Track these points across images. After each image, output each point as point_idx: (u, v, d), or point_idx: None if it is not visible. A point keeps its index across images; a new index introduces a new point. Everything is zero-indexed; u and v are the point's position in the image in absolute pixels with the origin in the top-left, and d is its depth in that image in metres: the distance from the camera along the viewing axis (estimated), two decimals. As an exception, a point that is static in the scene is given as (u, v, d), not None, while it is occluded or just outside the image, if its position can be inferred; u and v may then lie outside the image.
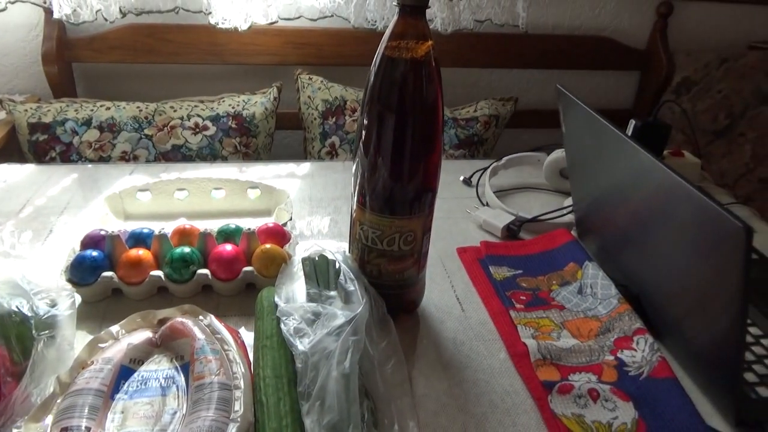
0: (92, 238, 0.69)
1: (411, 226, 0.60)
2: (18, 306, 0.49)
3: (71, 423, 0.46)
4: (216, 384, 0.50)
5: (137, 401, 0.50)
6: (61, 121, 1.18)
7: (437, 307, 0.70)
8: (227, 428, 0.47)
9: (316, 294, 0.59)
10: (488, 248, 0.80)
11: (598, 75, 1.64)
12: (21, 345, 0.48)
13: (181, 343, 0.55)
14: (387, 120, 0.56)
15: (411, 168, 0.58)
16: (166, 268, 0.66)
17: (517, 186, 1.01)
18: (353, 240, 0.64)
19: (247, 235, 0.69)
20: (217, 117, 1.24)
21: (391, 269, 0.62)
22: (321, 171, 1.02)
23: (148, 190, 0.84)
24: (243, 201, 0.86)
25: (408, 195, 0.58)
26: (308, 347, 0.52)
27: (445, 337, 0.65)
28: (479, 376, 0.60)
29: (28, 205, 0.86)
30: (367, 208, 0.60)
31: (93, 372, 0.50)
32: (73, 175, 0.95)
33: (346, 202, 0.91)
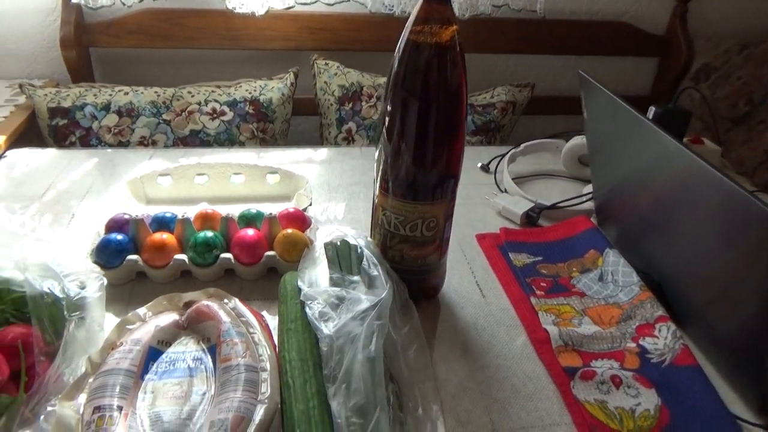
0: (116, 222, 0.70)
1: (434, 212, 0.60)
2: (50, 288, 0.49)
3: (103, 402, 0.47)
4: (243, 366, 0.51)
5: (166, 382, 0.51)
6: (80, 106, 1.19)
7: (457, 292, 0.70)
8: (255, 409, 0.47)
9: (339, 278, 0.59)
10: (507, 235, 0.80)
11: (616, 61, 1.62)
12: (53, 326, 0.49)
13: (208, 326, 0.55)
14: (411, 106, 0.55)
15: (434, 154, 0.57)
16: (189, 251, 0.67)
17: (535, 173, 1.01)
18: (375, 225, 0.64)
19: (268, 219, 0.70)
20: (234, 102, 1.24)
21: (414, 255, 0.62)
22: (338, 157, 1.02)
23: (169, 174, 0.85)
24: (262, 186, 0.87)
25: (431, 181, 0.59)
26: (333, 331, 0.53)
27: (466, 323, 0.66)
28: (501, 361, 0.61)
29: (51, 189, 0.87)
30: (390, 193, 0.60)
31: (122, 353, 0.51)
32: (94, 159, 0.96)
33: (364, 187, 0.91)
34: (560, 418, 0.55)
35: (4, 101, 1.26)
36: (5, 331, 0.48)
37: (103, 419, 0.46)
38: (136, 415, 0.47)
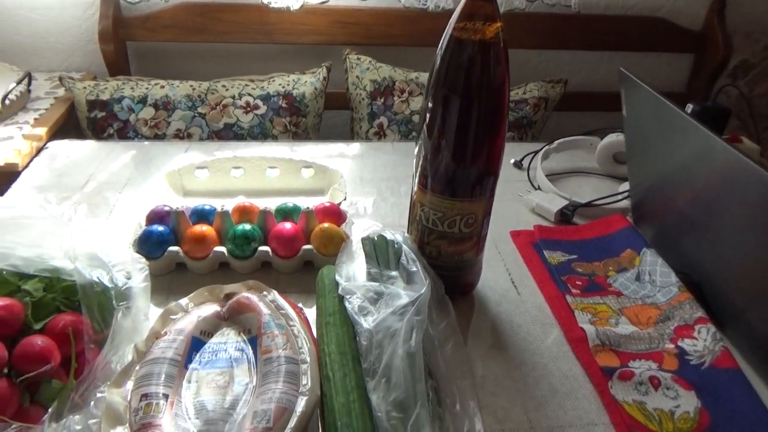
0: (157, 214, 0.71)
1: (472, 209, 0.60)
2: (99, 277, 0.51)
3: (149, 390, 0.48)
4: (283, 358, 0.51)
5: (209, 371, 0.52)
6: (118, 99, 1.21)
7: (492, 289, 0.70)
8: (297, 401, 0.48)
9: (377, 273, 0.60)
10: (542, 232, 0.80)
11: (651, 57, 1.59)
12: (101, 314, 0.51)
13: (248, 318, 0.56)
14: (452, 103, 0.55)
15: (475, 151, 0.57)
16: (228, 244, 0.68)
17: (569, 170, 1.00)
18: (413, 221, 0.64)
19: (305, 213, 0.71)
20: (267, 96, 1.25)
21: (451, 251, 0.62)
22: (370, 152, 1.02)
23: (206, 167, 0.86)
24: (297, 180, 0.87)
25: (470, 178, 0.59)
26: (373, 325, 0.53)
27: (502, 320, 0.66)
28: (537, 359, 0.60)
29: (91, 180, 0.89)
30: (429, 189, 0.60)
31: (167, 342, 0.52)
32: (131, 151, 0.98)
33: (397, 182, 0.92)
34: (598, 418, 0.54)
35: (44, 93, 1.29)
36: (56, 319, 0.50)
37: (150, 407, 0.47)
38: (182, 404, 0.49)
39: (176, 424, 0.46)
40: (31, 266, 0.51)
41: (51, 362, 0.46)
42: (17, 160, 1.03)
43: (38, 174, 0.90)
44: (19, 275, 0.51)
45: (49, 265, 0.52)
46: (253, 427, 0.45)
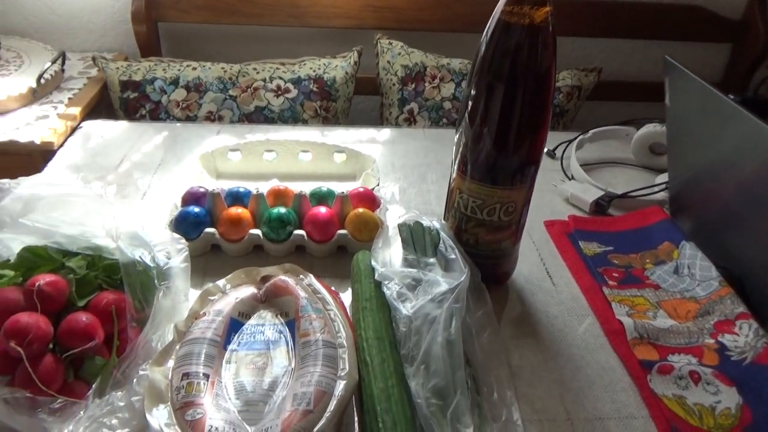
0: (193, 195, 0.71)
1: (513, 197, 0.59)
2: (141, 256, 0.51)
3: (190, 369, 0.48)
4: (321, 341, 0.51)
5: (248, 353, 0.52)
6: (150, 80, 1.22)
7: (527, 279, 0.69)
8: (336, 384, 0.48)
9: (414, 260, 0.60)
10: (577, 223, 0.79)
11: (687, 46, 1.55)
12: (143, 293, 0.51)
13: (285, 301, 0.56)
14: (497, 90, 0.54)
15: (518, 140, 0.56)
16: (263, 227, 0.68)
17: (602, 160, 0.98)
18: (450, 208, 0.64)
19: (340, 198, 0.70)
20: (298, 80, 1.25)
21: (489, 239, 0.62)
22: (401, 138, 1.01)
23: (239, 150, 0.86)
24: (329, 164, 0.87)
25: (512, 166, 0.58)
26: (411, 312, 0.53)
27: (537, 310, 0.65)
28: (574, 350, 0.60)
29: (125, 160, 0.89)
30: (468, 176, 0.59)
31: (206, 323, 0.53)
32: (164, 133, 0.98)
33: (428, 169, 0.91)
34: (637, 411, 0.54)
35: (77, 73, 1.30)
36: (99, 297, 0.50)
37: (192, 386, 0.47)
38: (222, 384, 0.49)
39: (217, 404, 0.47)
40: (75, 244, 0.52)
41: (96, 339, 0.47)
42: (53, 139, 1.04)
43: (73, 153, 0.91)
44: (63, 252, 0.52)
45: (92, 243, 0.53)
46: (293, 409, 0.46)
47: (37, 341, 0.45)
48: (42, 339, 0.45)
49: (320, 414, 0.46)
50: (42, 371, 0.45)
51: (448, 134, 1.02)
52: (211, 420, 0.45)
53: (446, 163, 0.93)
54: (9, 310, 0.47)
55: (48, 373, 0.45)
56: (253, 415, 0.47)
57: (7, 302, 0.47)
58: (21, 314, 0.45)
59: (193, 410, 0.45)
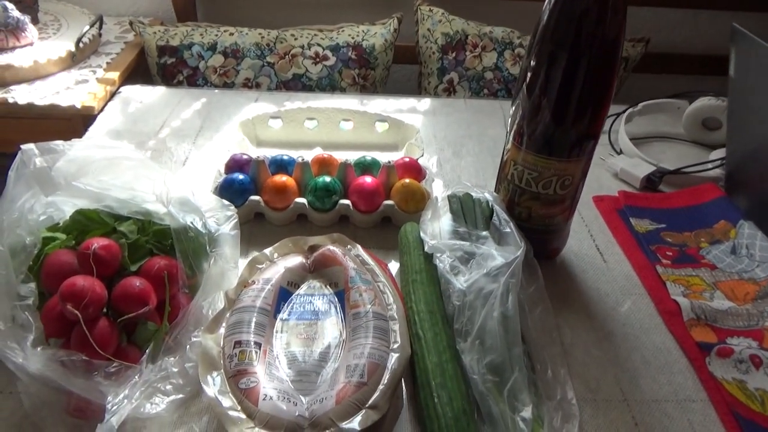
0: (237, 162, 0.70)
1: (570, 170, 0.57)
2: (192, 222, 0.50)
3: (242, 337, 0.48)
4: (371, 313, 0.50)
5: (298, 323, 0.51)
6: (187, 45, 1.20)
7: (577, 255, 0.67)
8: (388, 357, 0.47)
9: (465, 233, 0.58)
10: (627, 199, 0.76)
11: (737, 17, 1.48)
12: (194, 260, 0.50)
13: (334, 271, 0.55)
14: (560, 59, 0.52)
15: (578, 112, 0.54)
16: (309, 196, 0.67)
17: (651, 135, 0.94)
18: (503, 180, 0.62)
19: (386, 168, 0.69)
20: (336, 47, 1.22)
21: (542, 213, 0.60)
22: (442, 108, 0.99)
23: (280, 117, 0.85)
24: (370, 134, 0.85)
25: (570, 139, 0.55)
26: (465, 286, 0.51)
27: (589, 287, 0.63)
28: (628, 330, 0.58)
29: (165, 126, 0.89)
30: (524, 147, 0.57)
31: (256, 291, 0.52)
32: (202, 99, 0.97)
33: (471, 141, 0.89)
34: (695, 394, 0.52)
35: (114, 38, 1.29)
36: (151, 262, 0.50)
37: (245, 354, 0.47)
38: (273, 353, 0.48)
39: (270, 373, 0.46)
40: (125, 208, 0.51)
41: (149, 304, 0.46)
42: (93, 104, 1.04)
43: (113, 119, 0.90)
44: (114, 216, 0.51)
45: (142, 207, 0.52)
46: (347, 381, 0.45)
47: (92, 304, 0.44)
48: (97, 302, 0.45)
49: (374, 386, 0.45)
50: (97, 335, 0.44)
51: (490, 106, 1.00)
52: (265, 389, 0.44)
53: (489, 135, 0.91)
54: (64, 272, 0.46)
55: (103, 336, 0.45)
56: (305, 386, 0.46)
57: (61, 265, 0.47)
58: (77, 277, 0.45)
59: (246, 378, 0.45)
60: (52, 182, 0.45)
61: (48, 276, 0.47)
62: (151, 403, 0.44)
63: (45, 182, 0.44)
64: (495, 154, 0.85)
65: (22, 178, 0.46)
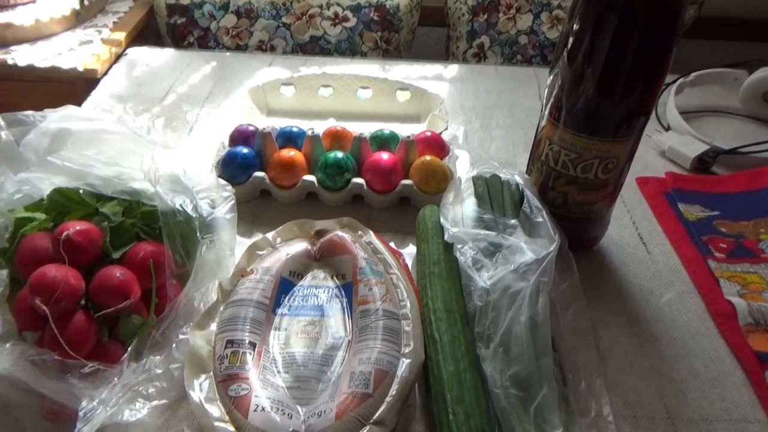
0: (241, 133, 0.64)
1: (615, 152, 0.49)
2: (182, 205, 0.45)
3: (235, 336, 0.43)
4: (381, 311, 0.45)
5: (300, 319, 0.46)
6: (198, 4, 1.13)
7: (617, 245, 0.60)
8: (398, 363, 0.42)
9: (491, 221, 0.51)
10: (676, 181, 0.68)
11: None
12: (184, 246, 0.45)
13: (342, 260, 0.50)
14: (609, 23, 0.44)
15: (628, 85, 0.46)
16: (319, 173, 0.60)
17: (703, 109, 0.85)
18: (535, 160, 0.54)
19: (405, 143, 0.62)
20: (358, 7, 1.13)
21: (580, 200, 0.53)
22: (471, 75, 0.91)
23: (292, 84, 0.78)
24: (390, 103, 0.78)
25: (617, 116, 0.47)
26: (489, 283, 0.45)
27: (629, 283, 0.56)
28: (674, 334, 0.51)
29: (171, 92, 0.83)
30: (562, 124, 0.49)
31: (253, 282, 0.47)
32: (212, 62, 0.91)
33: (502, 112, 0.81)
34: (752, 414, 0.45)
35: (122, -4, 1.23)
36: (136, 248, 0.45)
37: (237, 355, 0.41)
38: (269, 354, 0.43)
39: (264, 378, 0.41)
40: (110, 187, 0.46)
41: (130, 298, 0.41)
42: (96, 66, 0.98)
43: (117, 82, 0.85)
44: (96, 196, 0.46)
45: (129, 186, 0.47)
46: (351, 392, 0.39)
47: (65, 298, 0.39)
48: (71, 295, 0.40)
49: (381, 398, 0.40)
50: (72, 331, 0.40)
51: (524, 73, 0.91)
52: (257, 398, 0.39)
53: (522, 106, 0.83)
54: (39, 259, 0.42)
55: (78, 333, 0.40)
56: (304, 394, 0.41)
57: (35, 251, 0.42)
58: (48, 267, 0.40)
59: (237, 385, 0.40)
60: (20, 158, 0.39)
61: (22, 262, 0.43)
62: (130, 409, 0.39)
63: (12, 159, 0.39)
64: (528, 128, 0.77)
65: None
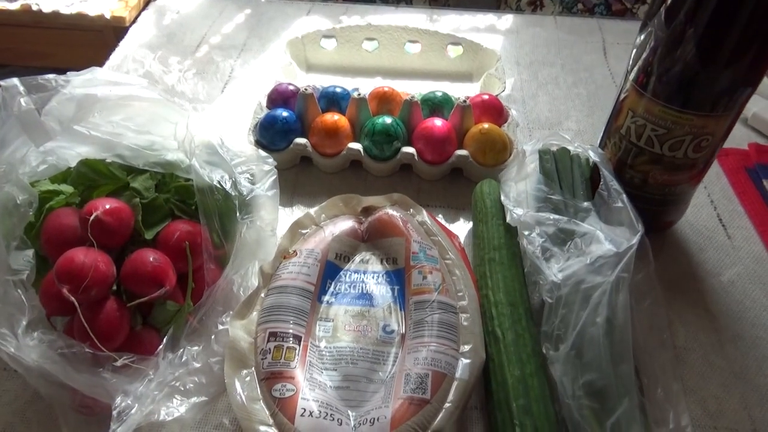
0: (281, 94, 0.59)
1: (711, 128, 0.43)
2: (220, 182, 0.40)
3: (278, 327, 0.39)
4: (437, 303, 0.40)
5: (348, 309, 0.42)
6: (231, -55, 1.06)
7: (693, 228, 0.54)
8: (456, 364, 0.38)
9: (560, 202, 0.46)
10: (761, 154, 0.61)
11: None
12: (222, 226, 0.41)
13: (393, 243, 0.45)
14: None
15: (737, 50, 0.39)
16: (365, 140, 0.55)
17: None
18: (613, 133, 0.48)
19: (461, 108, 0.56)
20: (402, -52, 1.05)
21: (662, 180, 0.47)
22: (527, 27, 0.83)
23: (334, 36, 0.72)
24: (440, 60, 0.71)
25: (719, 87, 0.41)
26: (561, 277, 0.40)
27: (707, 272, 0.50)
28: (760, 333, 0.46)
29: (203, 43, 0.77)
30: (650, 93, 0.43)
31: (297, 266, 0.42)
32: (246, 10, 0.85)
33: (563, 71, 0.73)
34: None
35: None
36: (171, 228, 0.41)
37: (281, 351, 0.38)
38: (316, 349, 0.39)
39: (311, 378, 0.37)
40: (141, 158, 0.42)
41: (166, 286, 0.37)
42: (124, 14, 0.92)
43: (146, 31, 0.80)
44: (126, 169, 0.42)
45: (161, 158, 0.42)
46: (407, 398, 0.36)
47: (95, 286, 0.36)
48: (102, 283, 0.36)
49: (439, 404, 0.36)
50: (103, 321, 0.36)
51: (586, 25, 0.83)
52: (304, 400, 0.36)
53: (584, 64, 0.75)
54: (65, 240, 0.38)
55: (110, 323, 0.36)
56: (353, 394, 0.38)
57: (62, 230, 0.39)
58: (76, 251, 0.36)
59: (281, 385, 0.36)
60: (42, 128, 0.35)
61: (48, 242, 0.39)
62: (167, 407, 0.36)
63: (33, 128, 0.35)
64: (591, 90, 0.70)
65: (9, 121, 0.36)
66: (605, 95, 0.69)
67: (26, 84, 0.35)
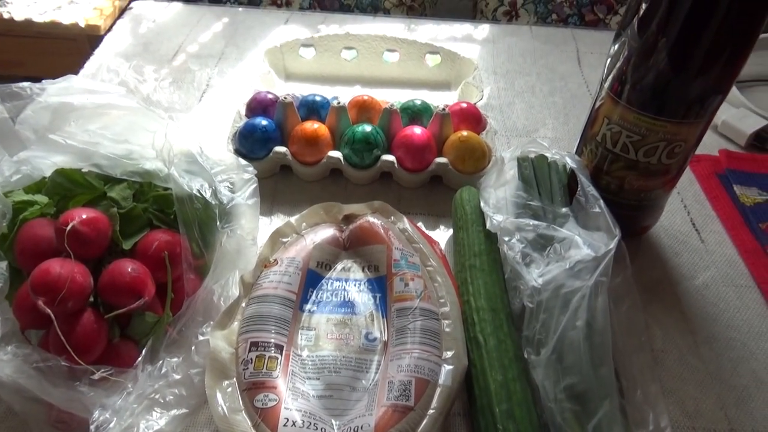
0: (260, 103, 0.59)
1: (683, 135, 0.44)
2: (200, 190, 0.40)
3: (260, 337, 0.39)
4: (419, 310, 0.40)
5: (330, 317, 0.42)
6: (207, -46, 1.06)
7: (668, 232, 0.55)
8: (439, 371, 0.38)
9: (539, 208, 0.46)
10: (730, 160, 0.62)
11: None
12: (202, 236, 0.40)
13: (374, 251, 0.45)
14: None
15: (709, 59, 0.40)
16: (345, 148, 0.55)
17: (762, 77, 0.78)
18: (589, 140, 0.49)
19: (440, 117, 0.56)
20: (379, -41, 1.06)
21: (637, 186, 0.47)
22: (503, 36, 0.84)
23: (312, 45, 0.72)
24: (418, 68, 0.72)
25: (691, 94, 0.42)
26: (541, 282, 0.41)
27: (682, 275, 0.52)
28: (733, 334, 0.47)
29: (180, 51, 0.77)
30: (624, 101, 0.44)
31: (278, 275, 0.42)
32: (224, 19, 0.84)
33: (539, 79, 0.75)
34: (823, 428, 0.41)
35: (126, -57, 1.14)
36: (149, 238, 0.40)
37: (263, 360, 0.38)
38: (298, 358, 0.39)
39: (293, 387, 0.37)
40: (118, 167, 0.41)
41: (144, 296, 0.37)
42: (99, 22, 0.92)
43: (122, 40, 0.79)
44: (104, 179, 0.41)
45: (139, 167, 0.42)
46: (391, 405, 0.36)
47: (72, 298, 0.35)
48: (78, 295, 0.36)
49: (423, 411, 0.36)
50: (80, 334, 0.36)
51: (561, 35, 0.84)
52: (287, 410, 0.35)
53: (559, 73, 0.76)
54: (40, 251, 0.37)
55: (87, 336, 0.36)
56: (336, 404, 0.37)
57: (37, 241, 0.38)
58: (52, 262, 0.35)
59: (264, 395, 0.36)
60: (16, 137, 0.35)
61: (22, 254, 0.38)
62: (147, 420, 0.36)
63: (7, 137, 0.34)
64: (566, 98, 0.71)
65: (-19, 131, 0.35)
66: (580, 103, 0.70)
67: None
